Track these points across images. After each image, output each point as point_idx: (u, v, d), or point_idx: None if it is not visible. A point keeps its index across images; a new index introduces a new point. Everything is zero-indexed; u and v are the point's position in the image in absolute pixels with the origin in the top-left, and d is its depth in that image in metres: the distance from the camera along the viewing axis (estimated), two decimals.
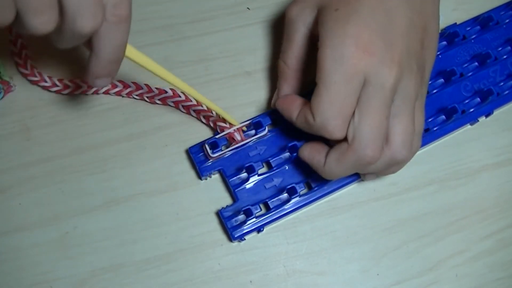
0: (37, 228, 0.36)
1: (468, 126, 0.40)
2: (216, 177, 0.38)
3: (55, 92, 0.38)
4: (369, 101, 0.30)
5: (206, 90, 0.39)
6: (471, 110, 0.39)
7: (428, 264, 0.37)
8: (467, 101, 0.39)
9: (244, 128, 0.37)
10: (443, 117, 0.39)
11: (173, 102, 0.38)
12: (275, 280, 0.36)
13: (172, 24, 0.41)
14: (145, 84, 0.38)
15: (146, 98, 0.38)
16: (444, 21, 0.42)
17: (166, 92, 0.37)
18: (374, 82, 0.29)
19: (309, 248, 0.37)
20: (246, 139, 0.37)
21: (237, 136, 0.36)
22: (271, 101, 0.38)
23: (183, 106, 0.38)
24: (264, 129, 0.37)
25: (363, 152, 0.30)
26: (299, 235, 0.37)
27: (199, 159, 0.37)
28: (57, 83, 0.38)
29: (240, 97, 0.39)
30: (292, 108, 0.33)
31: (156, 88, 0.38)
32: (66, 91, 0.38)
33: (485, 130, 0.40)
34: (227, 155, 0.37)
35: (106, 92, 0.38)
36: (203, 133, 0.38)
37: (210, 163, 0.37)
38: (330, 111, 0.30)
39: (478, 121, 0.40)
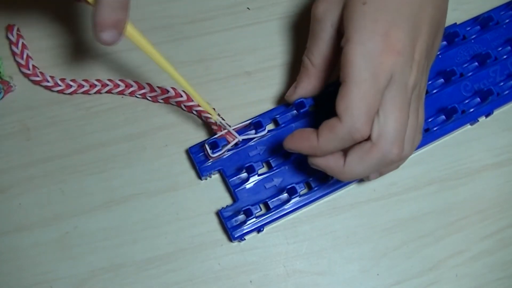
0: (37, 228, 0.36)
1: (468, 126, 0.40)
2: (216, 177, 0.38)
3: (57, 92, 0.38)
4: (395, 100, 0.29)
5: (206, 90, 0.39)
6: (471, 110, 0.39)
7: (428, 264, 0.37)
8: (467, 101, 0.39)
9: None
10: (443, 117, 0.39)
11: (175, 101, 0.38)
12: (275, 280, 0.36)
13: (172, 24, 0.41)
14: (147, 83, 0.38)
15: (148, 98, 0.38)
16: None
17: (168, 91, 0.37)
18: (399, 81, 0.29)
19: (309, 248, 0.37)
20: (240, 140, 0.36)
21: (229, 139, 0.36)
22: (286, 93, 0.37)
23: (185, 105, 0.38)
24: (264, 129, 0.37)
25: (390, 150, 0.29)
26: (299, 235, 0.37)
27: (199, 159, 0.37)
28: (59, 82, 0.38)
29: (240, 97, 0.39)
30: (305, 135, 0.31)
31: (158, 87, 0.38)
32: (68, 91, 0.38)
33: (485, 130, 0.40)
34: (227, 155, 0.37)
35: (109, 92, 0.38)
36: (203, 133, 0.38)
37: (210, 163, 0.37)
38: (360, 109, 0.28)
39: (478, 121, 0.40)
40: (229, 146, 0.36)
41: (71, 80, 0.38)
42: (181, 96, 0.37)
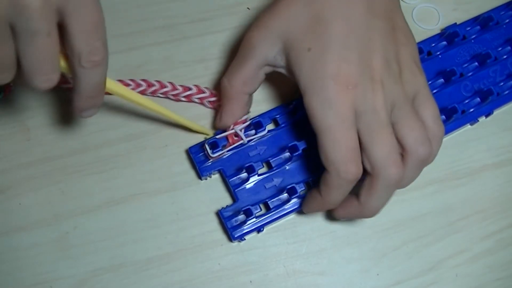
0: (37, 228, 0.36)
1: (468, 126, 0.40)
2: (216, 177, 0.38)
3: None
4: (370, 127, 0.30)
5: None
6: (471, 110, 0.39)
7: (428, 264, 0.37)
8: (467, 101, 0.39)
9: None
10: (443, 117, 0.39)
11: (198, 98, 0.38)
12: (275, 280, 0.36)
13: (172, 24, 0.41)
14: (169, 82, 0.38)
15: (171, 96, 0.38)
16: (444, 21, 0.42)
17: (190, 89, 0.37)
18: (365, 109, 0.29)
19: (309, 248, 0.37)
20: (240, 141, 0.36)
21: (229, 139, 0.36)
22: (217, 121, 0.37)
23: (208, 101, 0.38)
24: (264, 129, 0.37)
25: (387, 172, 0.30)
26: (299, 235, 0.37)
27: (199, 159, 0.37)
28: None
29: None
30: (312, 196, 0.33)
31: (180, 85, 0.38)
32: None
33: (485, 130, 0.40)
34: (227, 155, 0.37)
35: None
36: None
37: (210, 163, 0.37)
38: (337, 153, 0.29)
39: (478, 121, 0.40)
40: (229, 148, 0.36)
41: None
42: (204, 93, 0.38)
